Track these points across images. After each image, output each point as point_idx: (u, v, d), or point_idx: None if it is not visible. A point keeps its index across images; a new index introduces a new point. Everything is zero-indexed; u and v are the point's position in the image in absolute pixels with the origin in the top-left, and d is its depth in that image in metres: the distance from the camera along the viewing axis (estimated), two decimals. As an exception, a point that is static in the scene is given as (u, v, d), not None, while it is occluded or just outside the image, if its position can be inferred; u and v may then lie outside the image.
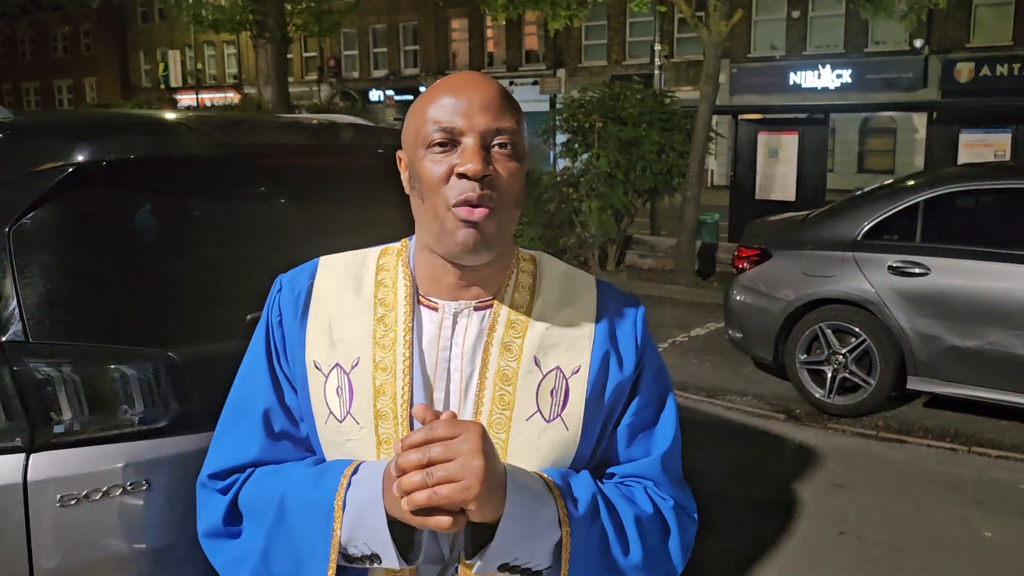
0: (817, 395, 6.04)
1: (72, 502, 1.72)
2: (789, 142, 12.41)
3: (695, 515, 1.30)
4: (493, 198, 1.12)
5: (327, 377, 1.21)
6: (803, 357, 6.11)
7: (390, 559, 1.10)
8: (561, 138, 11.79)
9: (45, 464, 1.72)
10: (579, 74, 29.31)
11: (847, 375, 5.94)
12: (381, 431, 1.17)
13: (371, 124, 2.60)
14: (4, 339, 1.75)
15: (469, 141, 1.12)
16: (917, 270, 5.65)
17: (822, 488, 4.76)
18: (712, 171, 25.93)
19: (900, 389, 5.86)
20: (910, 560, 3.91)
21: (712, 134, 11.09)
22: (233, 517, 1.23)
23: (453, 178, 1.12)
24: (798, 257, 6.18)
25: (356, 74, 36.40)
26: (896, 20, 12.32)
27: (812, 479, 4.89)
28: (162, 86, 38.44)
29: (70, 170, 1.85)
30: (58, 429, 1.74)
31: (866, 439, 5.54)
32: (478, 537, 1.09)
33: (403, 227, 2.31)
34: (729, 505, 4.48)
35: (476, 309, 1.22)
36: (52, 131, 2.04)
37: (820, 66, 25.91)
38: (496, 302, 1.23)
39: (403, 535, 1.10)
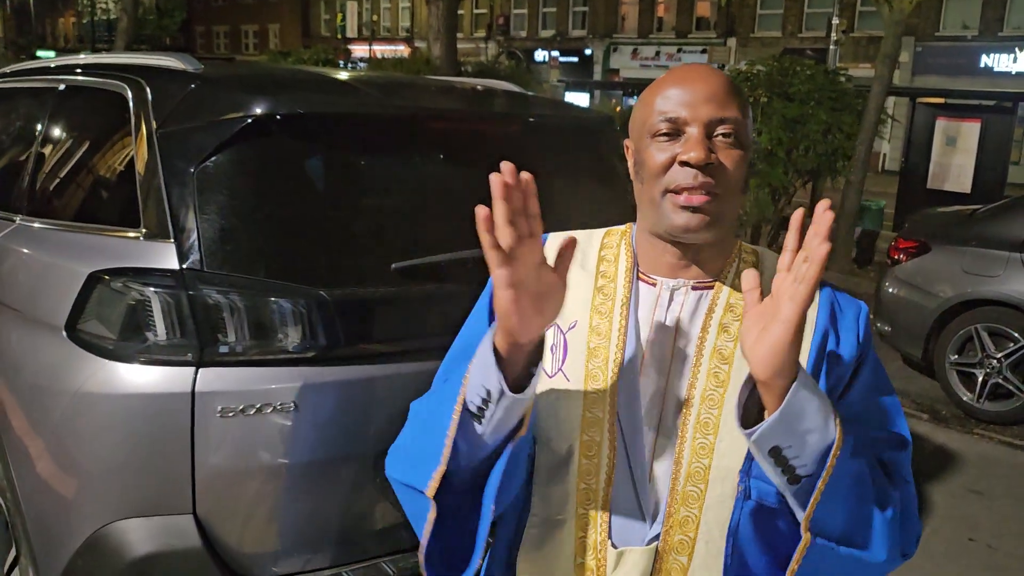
0: (965, 398, 5.79)
1: (230, 414, 1.95)
2: (970, 130, 11.65)
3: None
4: (714, 185, 1.17)
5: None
6: (954, 358, 5.85)
7: (494, 385, 1.09)
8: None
9: (210, 379, 1.95)
10: (751, 44, 28.36)
11: (1000, 381, 5.65)
12: (590, 389, 1.24)
13: (523, 92, 2.71)
14: (184, 266, 1.99)
15: (693, 131, 1.17)
16: (1090, 278, 5.29)
17: (958, 492, 4.60)
18: (884, 155, 24.65)
19: (1057, 401, 5.53)
20: (1041, 577, 3.76)
21: (884, 117, 10.57)
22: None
23: (675, 165, 1.18)
24: (960, 253, 5.90)
25: (524, 33, 36.57)
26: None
27: (948, 482, 4.73)
28: (338, 35, 39.95)
29: (248, 121, 2.06)
30: (223, 349, 1.97)
31: (1013, 449, 5.28)
32: (747, 416, 1.09)
33: (542, 195, 2.42)
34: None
35: (693, 288, 1.26)
36: (236, 85, 2.27)
37: (1017, 49, 24.01)
38: (717, 284, 1.27)
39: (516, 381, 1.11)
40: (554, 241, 1.34)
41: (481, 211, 1.04)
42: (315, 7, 45.47)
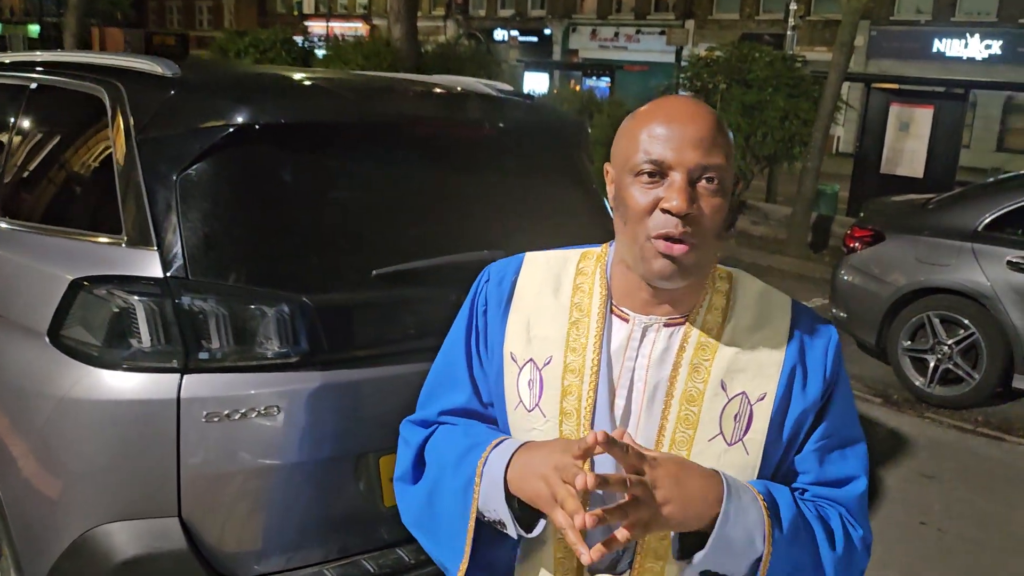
0: (917, 383, 5.98)
1: (215, 419, 1.99)
2: (923, 116, 11.88)
3: (870, 548, 1.31)
4: (694, 234, 1.17)
5: (521, 369, 1.32)
6: (907, 344, 6.04)
7: (511, 528, 1.22)
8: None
9: (195, 385, 1.99)
10: (708, 27, 28.58)
11: (951, 367, 5.85)
12: (564, 428, 1.28)
13: (498, 95, 2.75)
14: (168, 274, 2.01)
15: (677, 177, 1.16)
16: (1037, 267, 5.49)
17: (910, 476, 4.77)
18: (838, 137, 25.04)
19: (1005, 386, 5.75)
20: (989, 557, 3.93)
21: (840, 104, 10.76)
22: (418, 466, 1.38)
23: (657, 211, 1.17)
24: (914, 242, 6.07)
25: (483, 12, 36.39)
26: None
27: (901, 466, 4.90)
28: (295, 12, 39.39)
29: (231, 130, 2.08)
30: (208, 356, 2.00)
31: (963, 433, 5.48)
32: (685, 541, 1.18)
33: (516, 198, 2.48)
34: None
35: (666, 325, 1.27)
36: (216, 91, 2.28)
37: (968, 34, 24.52)
38: (688, 323, 1.27)
39: (527, 510, 1.22)
40: (533, 265, 1.38)
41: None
42: (271, -17, 44.73)
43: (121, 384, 1.98)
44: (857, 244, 6.41)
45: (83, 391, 1.99)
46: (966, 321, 5.76)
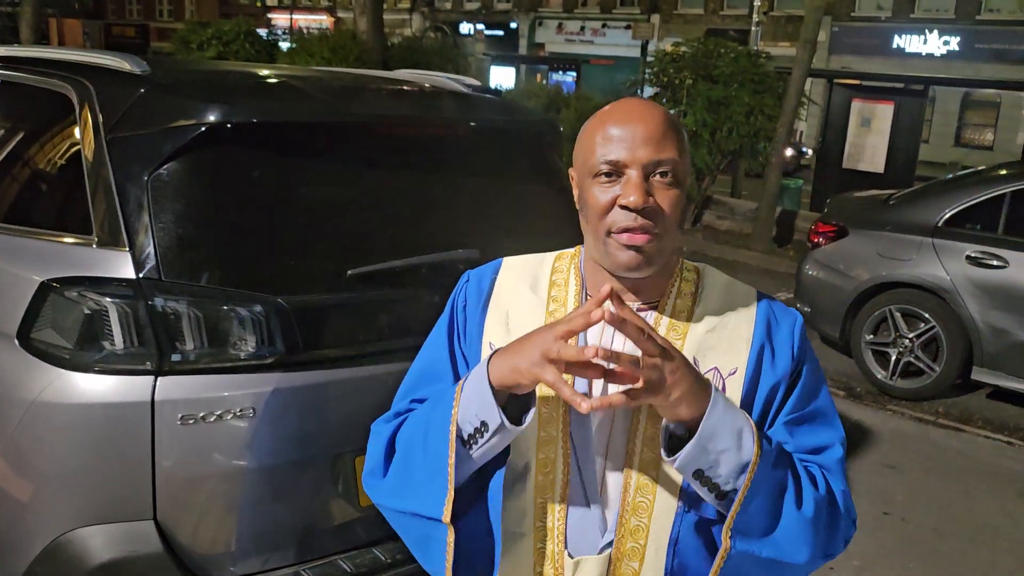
0: (879, 376, 6.09)
1: (191, 421, 1.98)
2: (884, 112, 12.09)
3: (854, 517, 1.34)
4: (652, 226, 1.24)
5: None
6: (869, 337, 6.15)
7: (493, 419, 1.20)
8: (648, 92, 11.72)
9: (169, 387, 1.97)
10: (673, 21, 28.74)
11: (912, 359, 5.97)
12: (543, 410, 1.32)
13: (469, 93, 2.76)
14: (141, 275, 1.99)
15: (632, 173, 1.23)
16: (996, 262, 5.61)
17: (873, 467, 4.86)
18: (801, 132, 25.33)
19: (964, 378, 5.87)
20: (950, 545, 4.02)
21: (804, 100, 10.90)
22: (389, 457, 1.37)
23: (616, 208, 1.24)
24: (876, 238, 6.18)
25: (448, 5, 36.26)
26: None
27: (864, 458, 4.99)
28: (258, 3, 38.93)
29: (202, 129, 2.07)
30: (182, 357, 1.99)
31: (924, 424, 5.59)
32: (673, 444, 1.21)
33: (490, 197, 2.49)
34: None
35: (639, 310, 1.34)
36: (187, 91, 2.26)
37: (927, 31, 24.92)
38: (659, 305, 1.34)
39: (513, 409, 1.22)
40: (511, 268, 1.44)
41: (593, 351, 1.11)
42: (233, -27, 44.11)
43: (94, 387, 1.96)
44: (821, 239, 6.50)
45: (55, 394, 1.97)
46: (926, 315, 5.88)
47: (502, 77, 23.67)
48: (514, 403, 1.23)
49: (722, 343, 1.32)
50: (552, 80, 22.96)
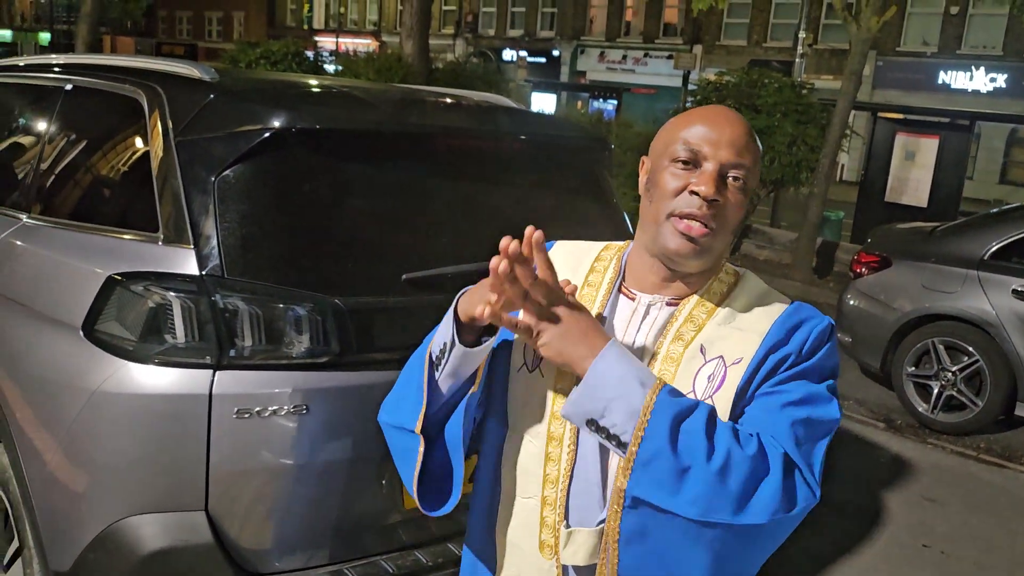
0: (921, 409, 6.02)
1: (246, 415, 2.03)
2: (928, 146, 11.99)
3: (816, 491, 1.24)
4: (714, 220, 1.28)
5: None
6: (911, 369, 6.08)
7: (450, 339, 1.35)
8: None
9: (227, 381, 2.03)
10: (716, 52, 28.77)
11: (954, 393, 5.89)
12: (558, 386, 1.38)
13: (523, 108, 2.82)
14: (204, 272, 2.06)
15: (710, 167, 1.29)
16: (1042, 297, 5.54)
17: (912, 500, 4.80)
18: (843, 165, 25.16)
19: (1008, 414, 5.78)
20: (991, 582, 3.96)
21: (848, 132, 10.85)
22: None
23: (685, 193, 1.29)
24: (919, 269, 6.12)
25: (492, 32, 36.62)
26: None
27: (904, 490, 4.93)
28: (305, 26, 39.66)
29: (267, 134, 2.13)
30: (240, 353, 2.05)
31: (965, 459, 5.51)
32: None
33: (541, 209, 2.53)
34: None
35: (668, 304, 1.38)
36: (254, 97, 2.33)
37: (973, 67, 24.69)
38: (687, 298, 1.37)
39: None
40: (560, 249, 1.52)
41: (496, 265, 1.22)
42: (282, -4, 45.05)
43: (154, 379, 2.02)
44: (864, 269, 6.46)
45: (116, 384, 2.03)
46: (970, 348, 5.81)
47: (543, 103, 23.85)
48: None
49: (734, 335, 1.34)
50: (593, 107, 23.09)
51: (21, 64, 3.38)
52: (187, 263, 2.07)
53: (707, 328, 1.34)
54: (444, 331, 1.38)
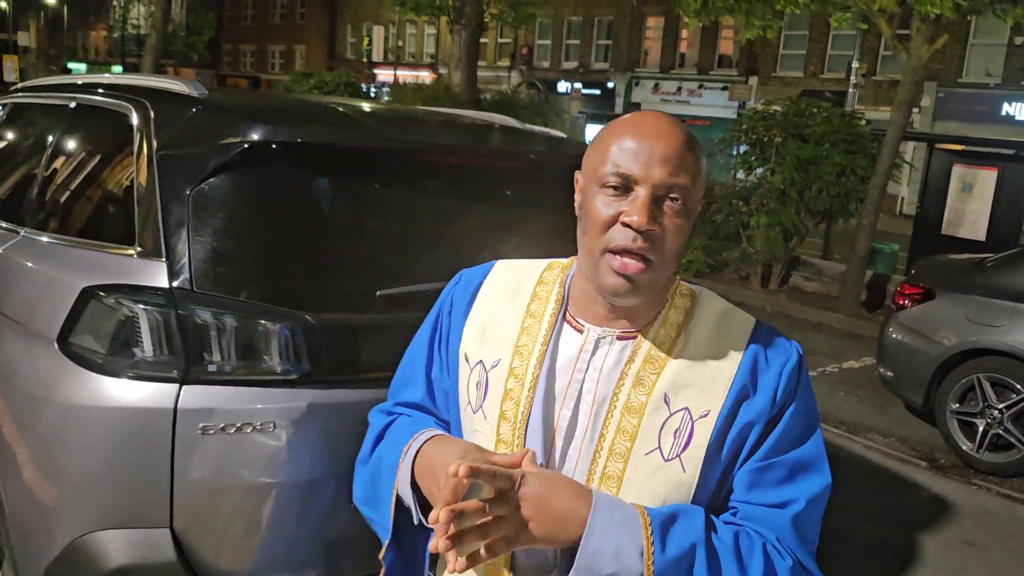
0: (965, 448, 5.75)
1: (211, 432, 1.99)
2: (987, 178, 11.63)
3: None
4: (652, 251, 1.16)
5: (472, 370, 1.33)
6: (955, 406, 5.82)
7: (415, 513, 1.27)
8: (736, 150, 11.58)
9: (193, 396, 1.99)
10: (771, 83, 28.48)
11: (1001, 432, 5.62)
12: (501, 431, 1.28)
13: (518, 126, 2.76)
14: (174, 285, 2.04)
15: (641, 192, 1.16)
16: (1094, 332, 5.27)
17: (952, 543, 4.57)
18: (903, 199, 24.61)
19: (1059, 455, 5.49)
20: (1030, 633, 3.72)
21: (899, 162, 10.58)
22: (371, 451, 1.45)
23: (618, 224, 1.16)
24: (965, 302, 5.88)
25: (547, 64, 36.84)
26: None
27: (943, 532, 4.70)
28: (364, 59, 40.40)
29: (245, 146, 2.12)
30: (208, 368, 2.01)
31: (1011, 502, 5.24)
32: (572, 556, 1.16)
33: (537, 233, 2.47)
34: (849, 544, 4.38)
35: (619, 338, 1.26)
36: (235, 111, 2.33)
37: (1038, 98, 24.01)
38: (640, 336, 1.25)
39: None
40: (499, 272, 1.40)
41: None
42: (341, 30, 46.02)
43: (121, 392, 2.00)
44: (906, 301, 6.24)
45: (85, 397, 2.02)
46: (1018, 385, 5.54)
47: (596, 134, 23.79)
48: None
49: (699, 382, 1.22)
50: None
51: (42, 84, 3.45)
52: (158, 276, 2.06)
53: (668, 370, 1.23)
54: (404, 491, 1.28)
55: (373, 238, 2.29)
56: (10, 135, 3.37)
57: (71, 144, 2.82)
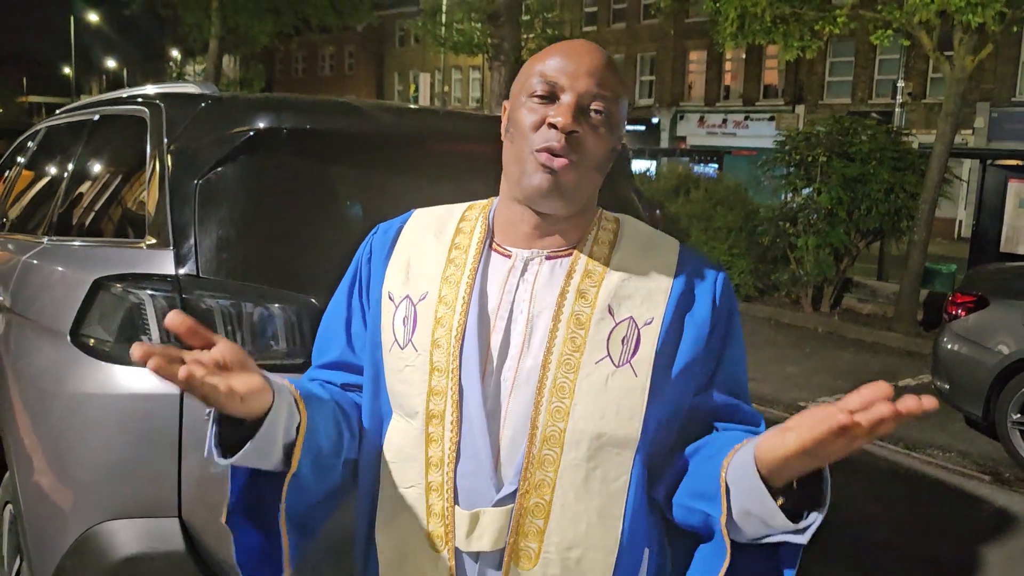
0: (1029, 459, 5.50)
1: (217, 418, 1.97)
2: (1045, 192, 11.33)
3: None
4: (574, 152, 1.20)
5: (397, 307, 1.32)
6: (1016, 416, 5.58)
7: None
8: (781, 171, 11.44)
9: (200, 381, 1.98)
10: (819, 111, 28.18)
11: (1066, 441, 5.37)
12: (435, 358, 1.27)
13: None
14: (181, 271, 2.04)
15: (567, 98, 1.21)
16: None
17: (1016, 556, 4.35)
18: (960, 222, 24.07)
19: None
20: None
21: (949, 177, 10.34)
22: None
23: (544, 127, 1.21)
24: (1020, 307, 5.67)
25: (592, 102, 37.03)
26: None
27: (1007, 545, 4.48)
28: (413, 94, 41.15)
29: (251, 133, 2.13)
30: (214, 353, 2.00)
31: (1080, 513, 4.97)
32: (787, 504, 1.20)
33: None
34: (907, 559, 4.20)
35: (548, 258, 1.29)
36: (243, 102, 2.35)
37: (1097, 114, 23.38)
38: (575, 252, 1.29)
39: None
40: (416, 218, 1.42)
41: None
42: (389, 78, 47.02)
43: (130, 379, 1.99)
44: (960, 311, 6.04)
45: (95, 385, 2.02)
46: (1082, 392, 5.30)
47: (641, 170, 23.81)
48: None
49: (639, 293, 1.28)
50: (694, 171, 22.89)
51: (76, 105, 3.55)
52: (165, 264, 2.06)
53: (607, 283, 1.28)
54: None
55: (377, 222, 2.26)
56: (42, 156, 3.46)
57: (92, 153, 2.88)
